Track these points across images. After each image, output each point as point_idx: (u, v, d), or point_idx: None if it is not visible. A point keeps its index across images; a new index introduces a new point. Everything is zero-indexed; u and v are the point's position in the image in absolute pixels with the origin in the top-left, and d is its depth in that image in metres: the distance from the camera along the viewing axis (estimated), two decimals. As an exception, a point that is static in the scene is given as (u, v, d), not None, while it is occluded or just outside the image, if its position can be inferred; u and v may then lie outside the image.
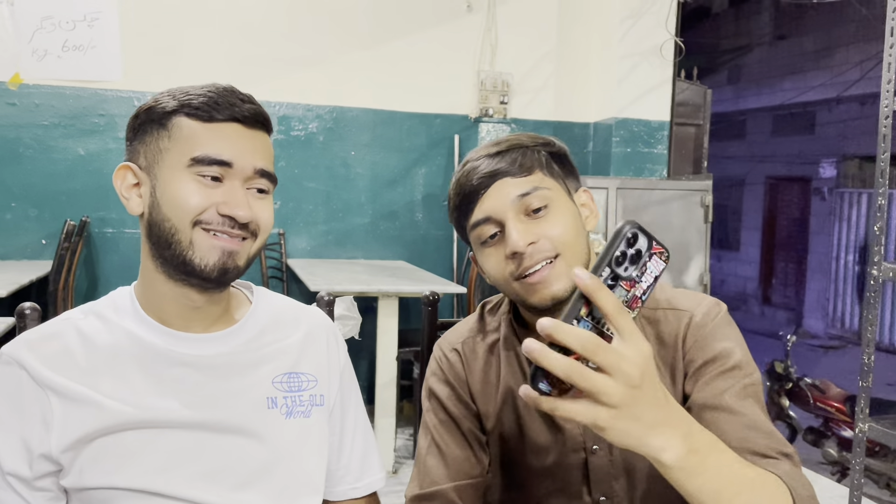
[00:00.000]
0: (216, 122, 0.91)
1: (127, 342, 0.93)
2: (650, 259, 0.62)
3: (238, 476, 0.94)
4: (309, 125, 4.32)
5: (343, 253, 4.41)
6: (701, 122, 4.86)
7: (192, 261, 0.89)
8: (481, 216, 0.97)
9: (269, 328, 1.03)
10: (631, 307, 0.62)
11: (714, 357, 0.95)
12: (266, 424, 0.97)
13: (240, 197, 0.91)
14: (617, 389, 0.59)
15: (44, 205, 3.94)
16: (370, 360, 3.49)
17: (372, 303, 3.30)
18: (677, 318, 0.99)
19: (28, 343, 0.91)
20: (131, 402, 0.90)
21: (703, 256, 4.06)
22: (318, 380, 1.04)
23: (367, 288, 3.21)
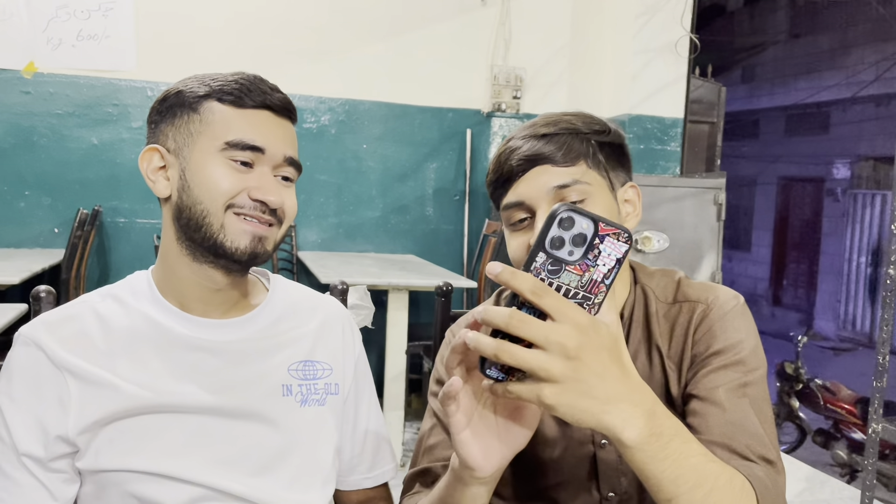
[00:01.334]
0: (248, 108, 0.92)
1: (144, 326, 0.93)
2: (602, 241, 0.60)
3: (253, 462, 0.94)
4: (321, 117, 4.31)
5: (353, 246, 4.41)
6: (715, 119, 4.83)
7: (223, 244, 0.90)
8: (514, 199, 0.94)
9: (285, 316, 1.02)
10: (592, 292, 0.61)
11: (720, 349, 0.93)
12: (281, 411, 0.97)
13: (270, 183, 0.92)
14: (552, 362, 0.58)
15: (57, 193, 3.96)
16: (379, 354, 3.49)
17: (382, 296, 3.30)
18: (690, 309, 0.97)
19: (46, 324, 0.92)
20: (148, 385, 0.90)
21: (715, 255, 4.04)
22: (334, 368, 1.04)
23: (377, 281, 3.21)
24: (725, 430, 0.85)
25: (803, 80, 10.32)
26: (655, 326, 0.98)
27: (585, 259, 0.60)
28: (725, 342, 0.93)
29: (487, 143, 4.54)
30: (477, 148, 4.50)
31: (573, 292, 0.61)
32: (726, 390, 0.89)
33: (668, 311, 0.99)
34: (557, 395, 0.59)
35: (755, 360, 0.92)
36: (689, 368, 0.95)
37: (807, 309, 10.72)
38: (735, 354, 0.92)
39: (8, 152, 3.89)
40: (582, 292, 0.61)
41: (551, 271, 0.60)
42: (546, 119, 0.97)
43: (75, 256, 3.39)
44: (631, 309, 1.00)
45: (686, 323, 0.96)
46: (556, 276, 0.61)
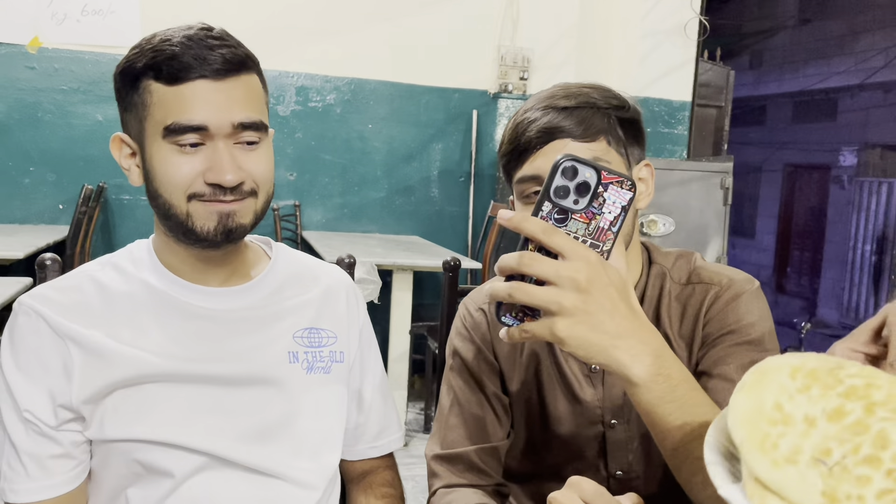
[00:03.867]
0: (182, 82, 0.84)
1: (145, 294, 0.93)
2: (606, 189, 0.62)
3: (258, 429, 0.93)
4: (326, 97, 4.29)
5: (358, 226, 4.40)
6: (722, 104, 4.80)
7: (192, 229, 0.88)
8: (530, 173, 0.92)
9: (288, 283, 1.02)
10: (600, 240, 0.64)
11: (733, 329, 0.93)
12: (288, 378, 0.96)
13: (224, 159, 0.85)
14: (563, 295, 0.61)
15: (62, 170, 3.95)
16: (383, 334, 3.49)
17: (386, 277, 3.29)
18: (704, 290, 0.97)
19: (45, 294, 0.91)
20: (151, 352, 0.90)
21: (721, 239, 4.03)
22: (338, 336, 1.03)
23: (381, 261, 3.20)
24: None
25: (812, 66, 10.24)
26: (665, 307, 0.98)
27: (591, 207, 0.62)
28: (738, 323, 0.93)
29: (494, 125, 4.51)
30: (483, 129, 4.48)
31: (581, 240, 0.63)
32: (737, 367, 0.89)
33: (680, 293, 0.99)
34: (569, 328, 0.61)
35: (769, 342, 0.92)
36: (699, 348, 0.95)
37: (810, 297, 10.71)
38: (748, 335, 0.92)
39: (13, 128, 3.88)
40: (590, 240, 0.63)
41: (558, 219, 0.63)
42: (565, 90, 0.94)
43: (80, 233, 3.39)
44: (643, 289, 1.00)
45: (699, 304, 0.96)
46: (563, 225, 0.63)
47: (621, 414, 0.99)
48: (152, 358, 0.89)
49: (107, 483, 0.92)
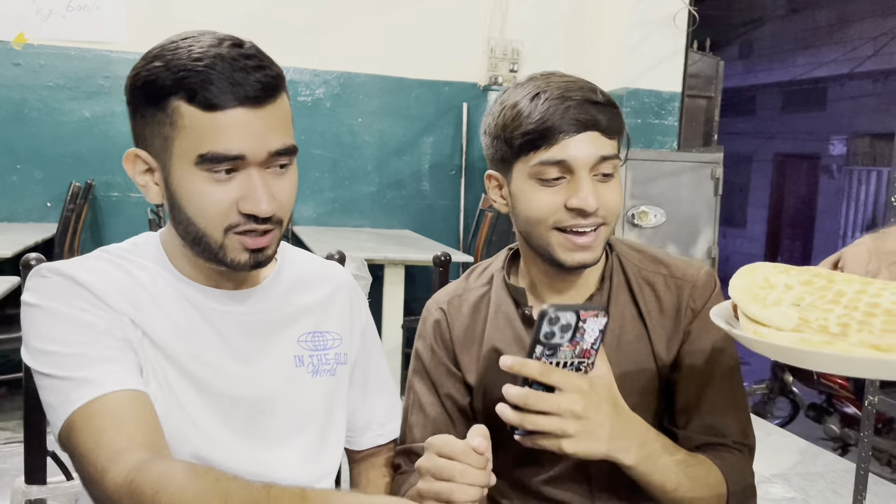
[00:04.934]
0: (219, 110, 0.80)
1: (164, 283, 0.92)
2: (585, 322, 0.74)
3: (265, 435, 0.94)
4: (316, 91, 4.27)
5: (349, 221, 4.39)
6: (712, 94, 4.80)
7: (223, 259, 0.87)
8: (558, 157, 0.92)
9: (294, 287, 1.01)
10: (585, 357, 0.78)
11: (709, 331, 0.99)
12: (293, 384, 0.96)
13: (259, 189, 0.83)
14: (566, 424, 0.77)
15: (49, 167, 3.92)
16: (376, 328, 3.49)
17: (378, 271, 3.28)
18: (678, 287, 1.01)
19: (67, 263, 0.89)
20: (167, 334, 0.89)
21: (711, 230, 4.04)
22: (343, 338, 1.04)
23: (373, 255, 3.20)
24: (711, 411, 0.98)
25: (801, 56, 10.27)
26: (637, 290, 1.03)
27: (574, 338, 0.75)
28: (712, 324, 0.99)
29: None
30: (473, 122, 4.46)
31: (570, 362, 0.77)
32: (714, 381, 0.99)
33: (650, 279, 1.03)
34: (573, 445, 0.78)
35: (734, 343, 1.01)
36: (681, 343, 1.01)
37: (801, 285, 10.76)
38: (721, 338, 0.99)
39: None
40: (577, 360, 0.78)
41: (549, 354, 0.76)
42: (588, 84, 0.96)
43: (68, 230, 3.36)
44: (610, 274, 1.04)
45: (675, 299, 1.01)
46: (554, 356, 0.76)
47: None
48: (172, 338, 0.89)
49: None
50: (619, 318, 1.01)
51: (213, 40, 0.83)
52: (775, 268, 0.73)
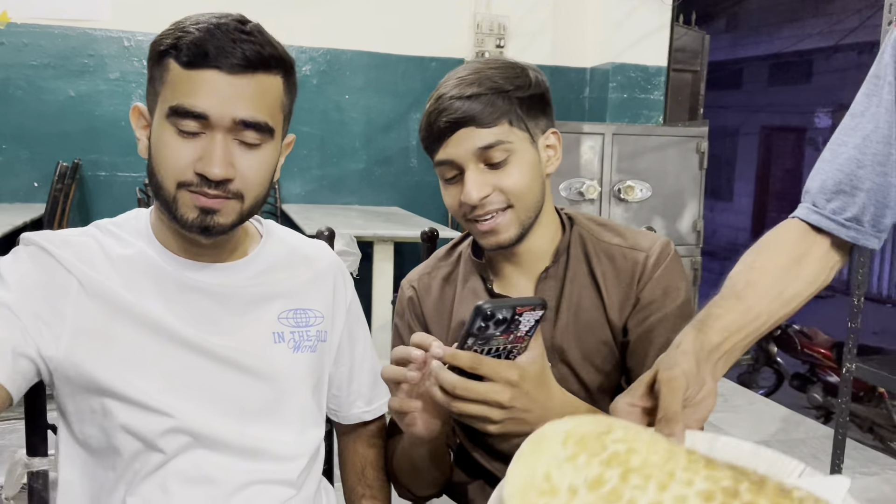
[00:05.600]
0: (196, 68, 0.85)
1: (141, 260, 0.94)
2: (521, 316, 0.74)
3: (243, 409, 0.96)
4: (302, 68, 4.25)
5: (337, 198, 4.40)
6: (698, 68, 4.82)
7: (174, 214, 0.89)
8: (444, 158, 0.99)
9: (278, 264, 1.03)
10: (518, 343, 0.78)
11: (661, 298, 1.02)
12: (272, 360, 0.98)
13: (216, 152, 0.85)
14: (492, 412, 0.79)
15: (35, 147, 3.90)
16: (366, 305, 3.51)
17: (367, 248, 3.31)
18: (633, 257, 1.05)
19: (49, 236, 0.92)
20: (148, 310, 0.91)
21: (697, 203, 4.08)
22: (325, 317, 1.05)
23: (362, 232, 3.22)
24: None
25: (787, 29, 10.27)
26: (596, 262, 1.06)
27: (509, 330, 0.75)
28: (665, 290, 1.03)
29: (471, 94, 4.50)
30: (460, 98, 4.46)
31: (502, 348, 0.77)
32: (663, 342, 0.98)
33: (608, 250, 1.06)
34: (500, 429, 0.80)
35: (689, 302, 1.04)
36: (632, 308, 1.04)
37: (786, 258, 10.85)
38: (675, 301, 1.02)
39: (-17, 105, 3.82)
40: (510, 346, 0.78)
41: (482, 343, 0.76)
42: (472, 76, 0.99)
43: (56, 210, 3.36)
44: (567, 246, 1.07)
45: (630, 268, 1.04)
46: (486, 345, 0.76)
47: (553, 356, 1.04)
48: (149, 315, 0.91)
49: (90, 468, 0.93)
50: (577, 288, 1.05)
51: (223, 15, 0.89)
52: (563, 445, 0.56)
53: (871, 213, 0.92)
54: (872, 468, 2.81)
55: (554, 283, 1.05)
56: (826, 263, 0.95)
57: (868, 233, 0.93)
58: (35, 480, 1.05)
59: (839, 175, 0.93)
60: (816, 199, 0.95)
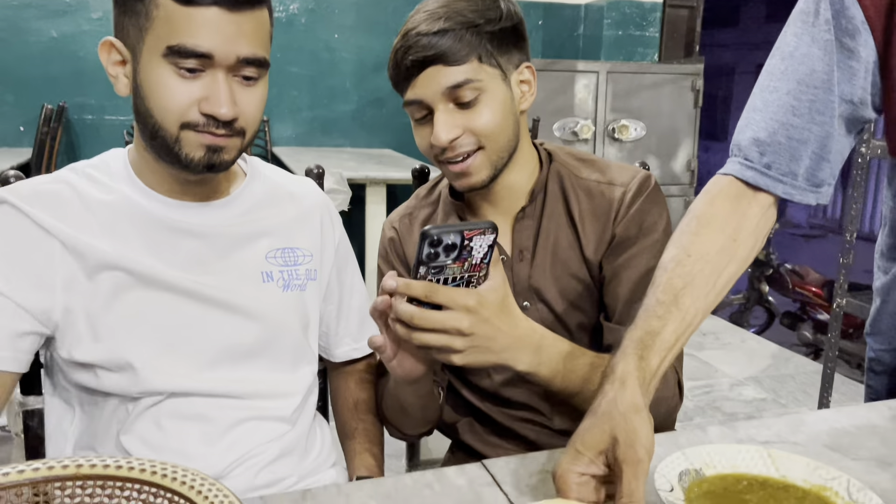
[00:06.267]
0: (196, 5, 0.82)
1: (123, 205, 0.92)
2: (471, 241, 0.72)
3: (234, 351, 0.95)
4: (290, 6, 4.15)
5: (329, 141, 4.36)
6: (694, 4, 4.72)
7: (178, 155, 0.87)
8: (412, 98, 0.96)
9: (263, 202, 1.02)
10: (475, 271, 0.76)
11: (637, 234, 1.00)
12: (262, 299, 0.97)
13: (222, 92, 0.85)
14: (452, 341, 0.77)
15: (19, 90, 3.83)
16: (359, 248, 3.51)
17: (359, 191, 3.29)
18: (611, 193, 1.03)
19: (21, 191, 0.89)
20: (132, 260, 0.90)
21: (691, 142, 4.05)
22: (314, 255, 1.05)
23: (354, 175, 3.19)
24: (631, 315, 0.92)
25: (786, -37, 10.03)
26: (573, 199, 1.03)
27: (461, 256, 0.73)
28: (642, 226, 1.01)
29: (463, 32, 4.41)
30: (452, 36, 4.38)
31: (459, 277, 0.75)
32: (639, 277, 0.99)
33: (587, 188, 1.04)
34: (463, 359, 0.79)
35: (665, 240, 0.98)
36: (607, 247, 1.02)
37: (780, 198, 10.86)
38: (651, 237, 1.00)
39: (-37, 47, 3.73)
40: (467, 275, 0.76)
41: (435, 273, 0.74)
42: (441, 10, 0.95)
43: (44, 155, 3.32)
44: (543, 185, 1.05)
45: (607, 204, 1.02)
46: (441, 274, 0.74)
47: (531, 296, 1.04)
48: (134, 265, 0.90)
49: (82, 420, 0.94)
50: (554, 227, 1.03)
51: None
52: None
53: (807, 165, 0.86)
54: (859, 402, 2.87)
55: (531, 223, 1.04)
56: (760, 232, 0.89)
57: (803, 187, 0.86)
58: (30, 419, 1.05)
59: (773, 125, 0.86)
60: (749, 153, 0.87)
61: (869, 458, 0.82)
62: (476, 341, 0.78)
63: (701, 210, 0.87)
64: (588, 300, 1.04)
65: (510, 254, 1.05)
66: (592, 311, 1.04)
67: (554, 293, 1.03)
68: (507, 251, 1.05)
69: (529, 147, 1.06)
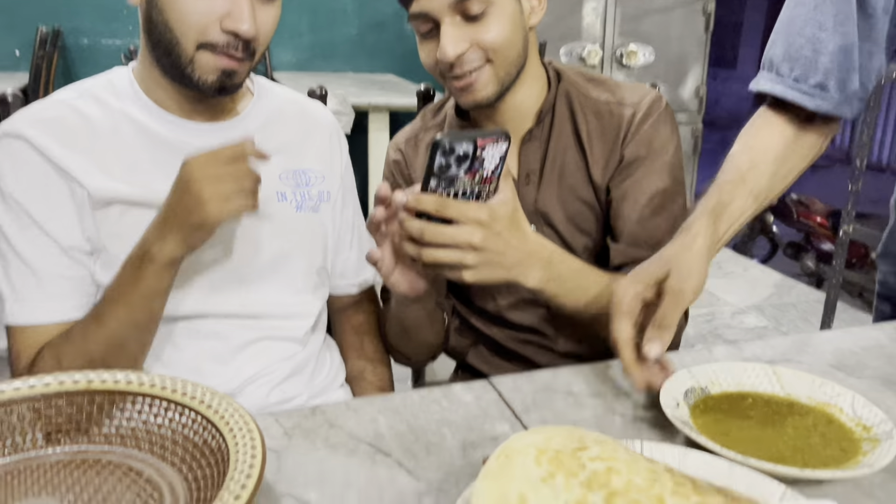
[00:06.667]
0: None
1: (130, 128, 0.91)
2: (484, 150, 0.70)
3: (250, 268, 0.95)
4: (289, -76, 4.01)
5: (329, 66, 4.26)
6: (708, -78, 4.54)
7: (190, 77, 0.85)
8: (418, 11, 0.93)
9: (272, 121, 1.00)
10: (486, 184, 0.74)
11: (645, 154, 0.98)
12: (275, 218, 0.97)
13: (245, 7, 0.83)
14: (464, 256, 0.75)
15: (13, 12, 3.73)
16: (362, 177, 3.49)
17: (362, 118, 3.23)
18: (620, 113, 1.00)
19: (27, 120, 0.88)
20: (143, 187, 0.89)
21: (700, 68, 3.96)
22: (325, 177, 1.04)
23: (356, 101, 3.13)
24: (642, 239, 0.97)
25: None
26: (582, 121, 1.01)
27: (473, 167, 0.71)
28: (651, 148, 0.99)
29: (467, -48, 4.26)
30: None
31: (470, 190, 0.73)
32: (647, 199, 0.98)
33: (597, 108, 1.02)
34: (474, 275, 0.77)
35: (676, 162, 1.00)
36: (615, 168, 1.00)
37: (788, 128, 10.70)
38: (660, 159, 0.99)
39: (-47, -32, 3.62)
40: (477, 188, 0.74)
41: (447, 185, 0.72)
42: None
43: (40, 80, 3.26)
44: (551, 105, 1.02)
45: (616, 125, 1.00)
46: (452, 187, 0.72)
47: (537, 220, 1.03)
48: (144, 188, 0.88)
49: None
50: (562, 150, 1.01)
51: None
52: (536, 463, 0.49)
53: (836, 77, 0.88)
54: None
55: (538, 145, 1.02)
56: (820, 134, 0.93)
57: (836, 99, 0.89)
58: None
59: (799, 40, 0.89)
60: (780, 68, 0.91)
61: (874, 376, 0.83)
62: (487, 256, 0.76)
63: (761, 115, 0.95)
64: (594, 224, 1.03)
65: (517, 177, 1.03)
66: (598, 236, 1.03)
67: (560, 217, 1.02)
68: (513, 174, 1.03)
69: (538, 65, 1.03)
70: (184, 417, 0.62)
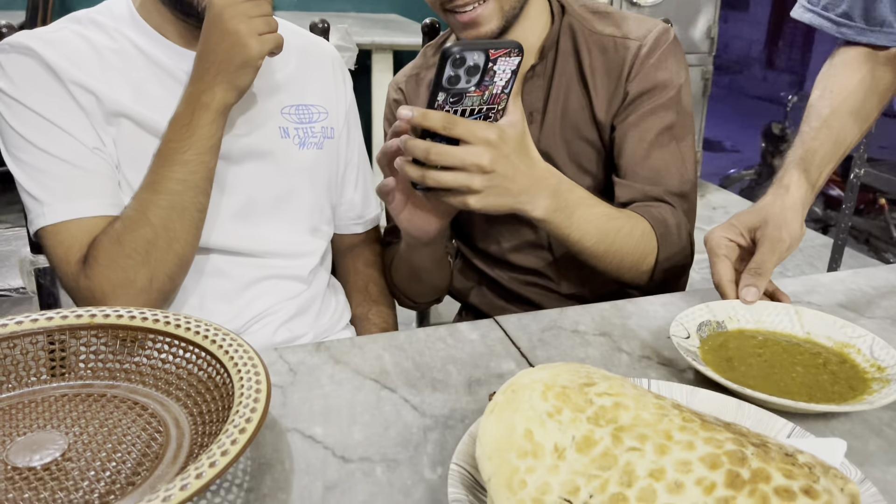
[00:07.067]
0: None
1: (134, 52, 0.89)
2: (495, 63, 0.66)
3: (252, 206, 0.94)
4: None
5: (330, 5, 4.16)
6: None
7: (190, 2, 0.84)
8: None
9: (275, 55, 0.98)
10: (494, 103, 0.69)
11: (651, 88, 0.96)
12: (280, 152, 0.95)
13: None
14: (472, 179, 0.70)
15: (6, -52, 3.64)
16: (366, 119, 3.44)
17: (365, 59, 3.17)
18: (625, 47, 0.97)
19: (32, 37, 0.85)
20: (149, 106, 0.87)
21: (712, 7, 3.86)
22: (329, 112, 1.02)
23: (359, 40, 3.07)
24: (648, 174, 0.95)
25: None
26: (586, 56, 0.98)
27: (483, 82, 0.67)
28: (656, 82, 0.96)
29: None
30: None
31: (478, 109, 0.69)
32: (654, 135, 0.95)
33: (601, 43, 0.98)
34: (480, 201, 0.73)
35: (684, 96, 0.98)
36: (620, 103, 0.97)
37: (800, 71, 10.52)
38: (666, 94, 0.96)
39: None
40: (486, 107, 0.69)
41: (454, 101, 0.67)
42: None
43: (37, 19, 3.20)
44: (555, 41, 0.99)
45: (621, 60, 0.97)
46: (460, 104, 0.68)
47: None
48: (154, 116, 0.87)
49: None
50: (565, 87, 0.99)
51: None
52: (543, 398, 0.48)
53: (861, 5, 0.90)
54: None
55: (541, 83, 0.99)
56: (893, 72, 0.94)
57: (862, 27, 0.90)
58: (42, 277, 1.06)
59: None
60: None
61: (884, 316, 0.82)
62: (495, 180, 0.72)
63: (837, 56, 0.96)
64: (598, 164, 1.01)
65: None
66: (602, 175, 1.01)
67: (563, 156, 1.00)
68: None
69: (546, 5, 1.00)
70: (188, 353, 0.62)
